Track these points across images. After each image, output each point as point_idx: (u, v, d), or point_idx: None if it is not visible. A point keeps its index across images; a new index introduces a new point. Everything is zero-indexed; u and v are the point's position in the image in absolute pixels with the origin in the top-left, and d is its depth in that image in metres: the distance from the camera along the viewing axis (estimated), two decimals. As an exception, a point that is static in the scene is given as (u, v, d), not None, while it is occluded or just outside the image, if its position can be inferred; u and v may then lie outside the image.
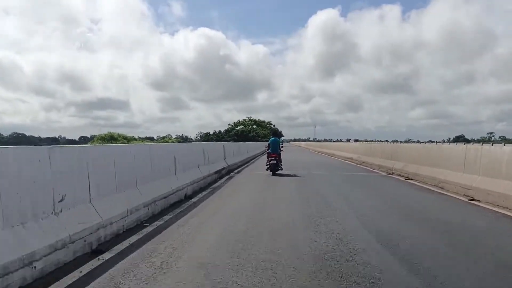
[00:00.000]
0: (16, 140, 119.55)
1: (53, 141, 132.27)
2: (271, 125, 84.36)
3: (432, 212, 5.48)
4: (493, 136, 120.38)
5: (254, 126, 79.57)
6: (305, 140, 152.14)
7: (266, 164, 11.35)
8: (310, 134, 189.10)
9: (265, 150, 12.27)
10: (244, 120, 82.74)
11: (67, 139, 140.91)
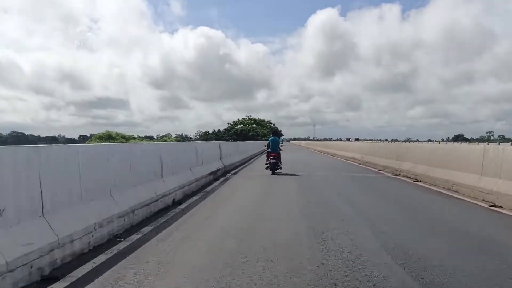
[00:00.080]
0: (15, 139, 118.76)
1: (53, 140, 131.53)
2: (271, 124, 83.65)
3: (456, 223, 4.75)
4: (493, 135, 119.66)
5: (254, 125, 78.85)
6: (305, 139, 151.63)
7: (266, 163, 11.38)
8: (310, 133, 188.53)
9: (265, 150, 12.29)
10: (244, 119, 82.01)
11: (67, 138, 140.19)
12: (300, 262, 3.13)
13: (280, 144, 11.87)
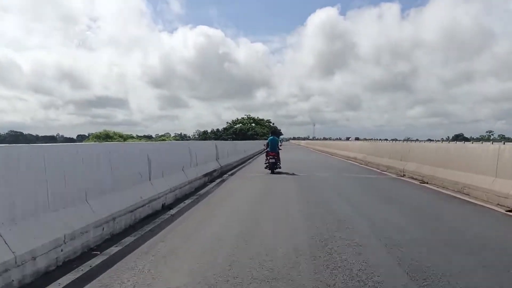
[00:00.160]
0: (13, 139, 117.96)
1: (51, 139, 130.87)
2: (270, 123, 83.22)
3: (475, 232, 4.27)
4: (493, 135, 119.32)
5: (253, 124, 78.40)
6: (304, 139, 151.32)
7: (265, 163, 11.45)
8: (309, 133, 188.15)
9: (264, 149, 12.35)
10: (243, 118, 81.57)
11: (65, 137, 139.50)
12: (303, 284, 2.64)
13: (279, 144, 11.93)
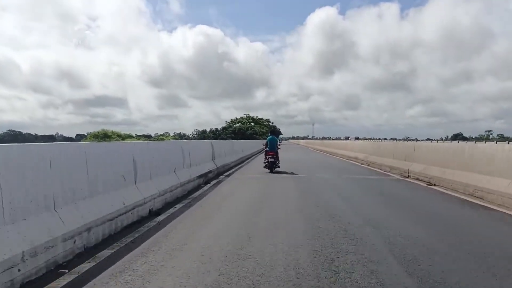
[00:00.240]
0: (12, 138, 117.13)
1: (50, 139, 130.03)
2: (269, 123, 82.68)
3: (497, 243, 3.78)
4: (491, 134, 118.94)
5: (252, 124, 77.82)
6: (304, 138, 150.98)
7: (264, 162, 11.55)
8: (309, 132, 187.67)
9: (263, 149, 12.44)
10: (242, 118, 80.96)
11: (64, 137, 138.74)
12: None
13: (278, 143, 12.03)
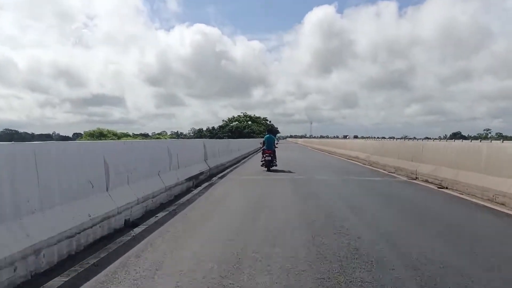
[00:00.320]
0: (8, 137, 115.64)
1: (47, 138, 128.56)
2: (267, 121, 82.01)
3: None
4: (490, 133, 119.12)
5: (249, 122, 77.12)
6: (302, 137, 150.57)
7: (261, 160, 11.58)
8: (306, 131, 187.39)
9: (260, 147, 12.49)
10: (239, 116, 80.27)
11: (61, 136, 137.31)
12: None
13: (276, 142, 12.10)
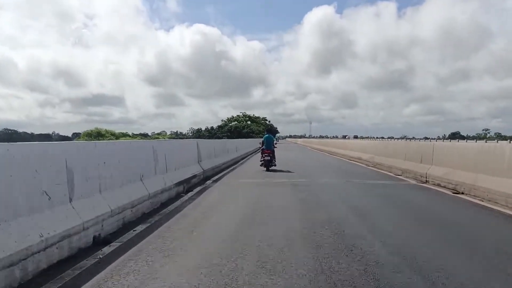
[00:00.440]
0: (7, 137, 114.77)
1: (46, 138, 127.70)
2: (266, 121, 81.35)
3: None
4: (489, 133, 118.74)
5: (249, 122, 76.44)
6: (301, 137, 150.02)
7: (261, 160, 11.68)
8: (306, 131, 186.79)
9: (259, 147, 12.47)
10: (238, 116, 79.59)
11: (61, 136, 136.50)
12: None
13: (275, 142, 12.67)
